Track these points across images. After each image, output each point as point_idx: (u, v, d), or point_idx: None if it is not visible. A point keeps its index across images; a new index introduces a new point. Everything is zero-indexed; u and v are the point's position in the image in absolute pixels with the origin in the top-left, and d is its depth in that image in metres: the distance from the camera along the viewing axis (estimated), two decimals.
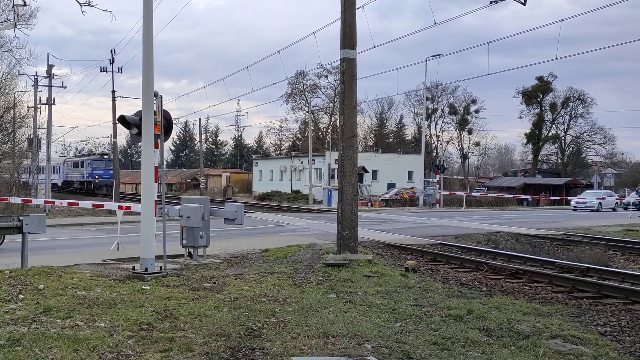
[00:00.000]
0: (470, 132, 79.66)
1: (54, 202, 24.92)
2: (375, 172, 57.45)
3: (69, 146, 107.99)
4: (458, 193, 47.90)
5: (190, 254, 12.84)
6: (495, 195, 50.02)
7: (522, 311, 8.42)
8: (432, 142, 78.22)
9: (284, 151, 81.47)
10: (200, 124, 66.12)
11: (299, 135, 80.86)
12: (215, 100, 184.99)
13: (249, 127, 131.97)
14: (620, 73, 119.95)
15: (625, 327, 8.02)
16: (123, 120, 11.58)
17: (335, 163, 30.63)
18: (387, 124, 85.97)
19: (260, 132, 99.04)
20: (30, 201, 25.34)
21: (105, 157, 59.35)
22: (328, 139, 68.26)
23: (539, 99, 75.29)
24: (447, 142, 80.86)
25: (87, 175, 59.32)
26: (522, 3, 15.07)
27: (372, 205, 43.33)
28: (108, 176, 54.07)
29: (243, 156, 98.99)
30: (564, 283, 11.19)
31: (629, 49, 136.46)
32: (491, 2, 16.92)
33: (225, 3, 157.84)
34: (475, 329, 7.29)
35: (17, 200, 24.14)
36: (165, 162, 13.64)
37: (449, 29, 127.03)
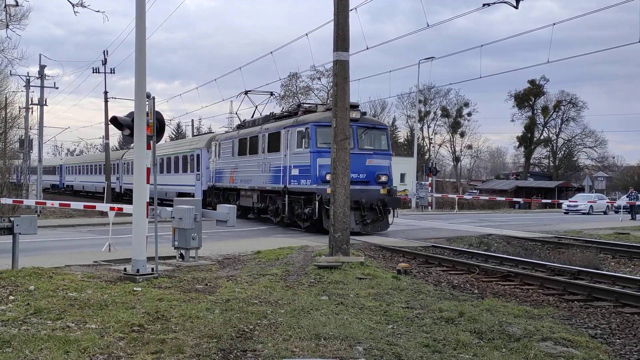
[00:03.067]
0: (462, 134, 79.88)
1: (45, 203, 24.82)
2: None
3: (61, 147, 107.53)
4: (450, 196, 47.99)
5: (182, 256, 12.81)
6: (487, 198, 50.13)
7: (513, 314, 8.44)
8: (425, 144, 78.37)
9: None
10: (192, 125, 66.12)
11: None
12: (207, 102, 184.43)
13: None
14: (610, 77, 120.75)
15: (615, 330, 8.06)
16: (115, 121, 11.57)
17: None
18: None
19: None
20: (22, 202, 25.22)
21: (359, 117, 20.40)
22: None
23: (531, 102, 75.62)
24: (440, 145, 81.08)
25: (313, 177, 19.72)
26: (514, 6, 15.14)
27: None
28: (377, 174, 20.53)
29: None
30: (555, 286, 11.23)
31: (619, 53, 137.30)
32: (484, 5, 17.00)
33: (218, 4, 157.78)
34: (467, 332, 7.31)
35: (8, 201, 24.03)
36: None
37: (442, 32, 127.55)
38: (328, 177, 17.50)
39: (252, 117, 27.84)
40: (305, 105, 23.40)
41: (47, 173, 65.65)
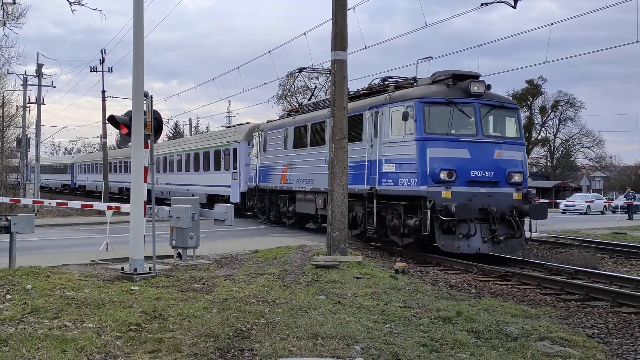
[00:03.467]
0: None
1: (42, 202, 24.76)
2: None
3: (58, 146, 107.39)
4: None
5: (179, 255, 12.80)
6: None
7: (511, 313, 8.45)
8: None
9: None
10: (190, 124, 65.91)
11: None
12: (205, 101, 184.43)
13: None
14: (608, 77, 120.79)
15: (612, 329, 8.07)
16: (113, 120, 11.56)
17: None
18: None
19: None
20: (19, 201, 25.16)
21: (482, 92, 14.85)
22: None
23: (528, 102, 75.69)
24: None
25: (421, 174, 14.43)
26: (512, 6, 15.13)
27: None
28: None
29: None
30: (552, 285, 11.25)
31: (616, 53, 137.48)
32: (482, 5, 16.97)
33: (216, 4, 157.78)
34: (464, 331, 7.31)
35: (5, 199, 23.99)
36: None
37: (440, 32, 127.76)
38: (443, 176, 13.86)
39: (309, 99, 23.53)
40: (390, 79, 17.53)
41: (58, 172, 64.74)
